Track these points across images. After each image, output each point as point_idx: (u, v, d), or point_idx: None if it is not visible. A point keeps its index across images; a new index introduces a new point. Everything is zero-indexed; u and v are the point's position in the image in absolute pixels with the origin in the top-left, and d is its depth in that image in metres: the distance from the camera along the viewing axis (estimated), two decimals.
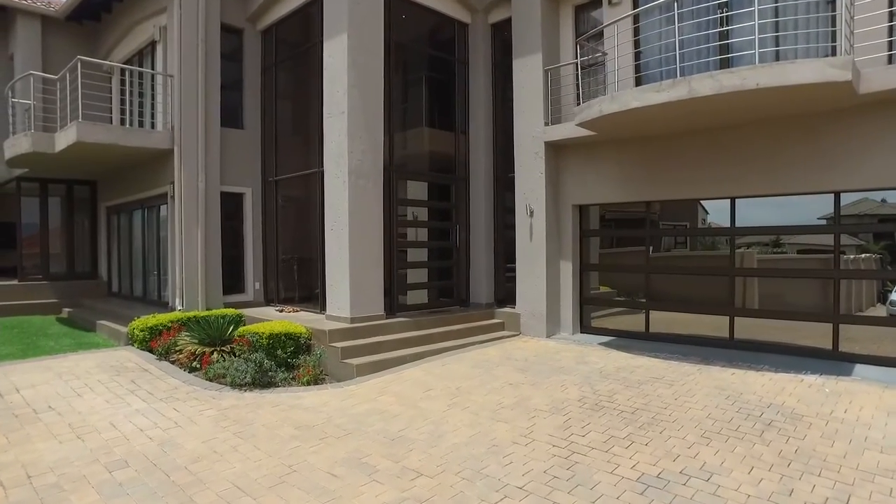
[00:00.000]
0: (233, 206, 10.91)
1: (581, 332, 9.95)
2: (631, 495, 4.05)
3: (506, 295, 10.79)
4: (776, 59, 7.33)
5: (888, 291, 7.53)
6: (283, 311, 10.14)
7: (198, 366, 7.74)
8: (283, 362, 7.66)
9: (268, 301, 11.21)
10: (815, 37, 7.21)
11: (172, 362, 8.05)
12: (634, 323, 9.54)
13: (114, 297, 13.60)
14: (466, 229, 10.97)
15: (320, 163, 9.33)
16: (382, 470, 4.54)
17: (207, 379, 7.27)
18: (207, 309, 9.92)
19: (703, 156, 8.33)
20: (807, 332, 7.96)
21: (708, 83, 6.50)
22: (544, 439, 5.13)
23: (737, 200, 8.35)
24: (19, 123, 11.79)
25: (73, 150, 9.78)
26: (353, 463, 4.68)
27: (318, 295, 9.76)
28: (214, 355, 7.90)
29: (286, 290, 11.00)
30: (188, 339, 8.32)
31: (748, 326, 8.43)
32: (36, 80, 11.28)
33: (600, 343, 9.12)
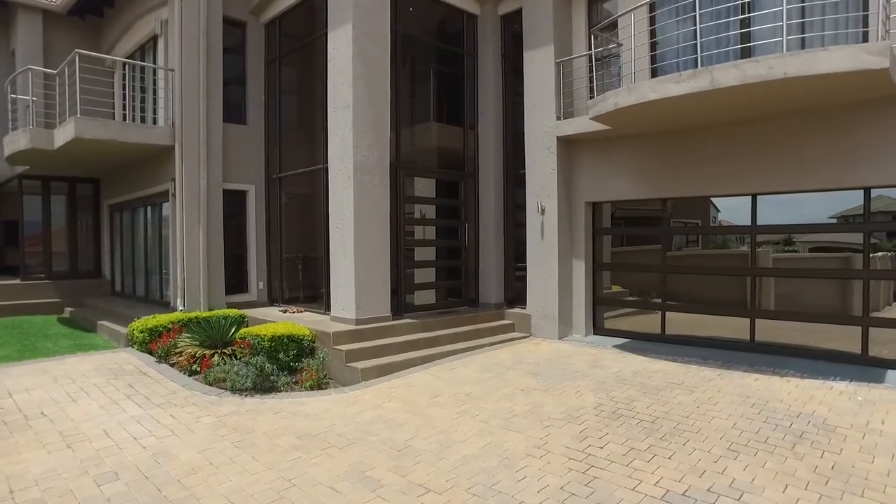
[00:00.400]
0: (236, 203, 10.65)
1: (594, 334, 9.62)
2: None
3: (516, 295, 10.47)
4: (801, 47, 6.97)
5: None
6: (286, 311, 9.87)
7: (198, 369, 7.48)
8: (286, 366, 7.39)
9: (271, 301, 10.95)
10: (843, 22, 6.82)
11: (172, 365, 7.80)
12: (649, 324, 9.20)
13: (117, 296, 13.41)
14: (475, 227, 10.65)
15: (325, 159, 9.05)
16: (388, 485, 4.25)
17: (207, 383, 7.01)
18: (209, 309, 9.67)
19: (723, 151, 7.97)
20: (829, 335, 7.60)
21: (731, 73, 6.15)
22: (560, 451, 4.82)
23: (747, 198, 8.02)
24: (21, 120, 11.58)
25: (72, 147, 9.54)
26: (356, 476, 4.40)
27: (323, 295, 9.48)
28: (215, 358, 7.65)
29: (290, 290, 10.74)
30: (188, 340, 8.07)
31: (767, 328, 8.07)
32: (37, 76, 11.06)
33: (614, 345, 8.79)
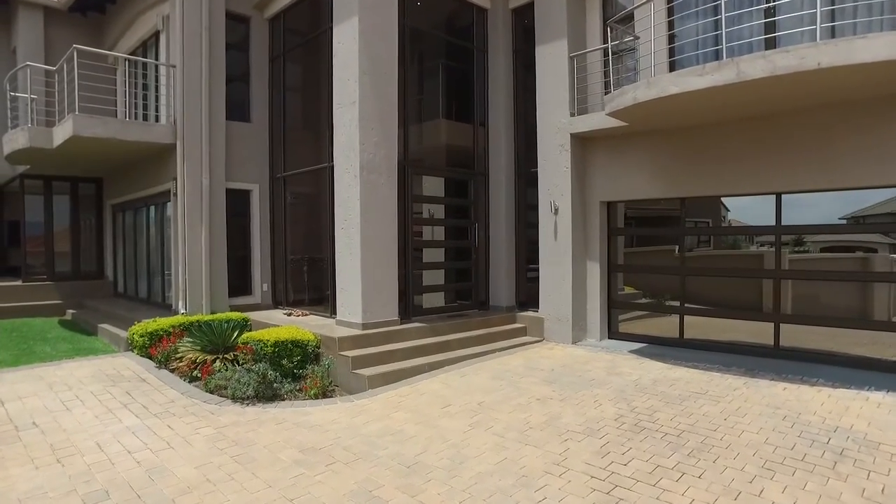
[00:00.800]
0: (239, 203, 10.36)
1: (609, 338, 9.28)
2: None
3: (528, 297, 10.14)
4: (831, 36, 6.60)
5: None
6: (291, 314, 9.58)
7: (199, 375, 7.20)
8: (289, 372, 7.09)
9: (276, 303, 10.66)
10: (878, 8, 6.44)
11: (172, 371, 7.53)
12: (664, 327, 8.85)
13: (119, 297, 13.17)
14: (486, 228, 10.32)
15: (330, 157, 8.74)
16: None
17: (207, 391, 6.72)
18: (212, 312, 9.41)
19: (745, 148, 7.62)
20: (856, 339, 7.25)
21: (759, 64, 5.79)
22: (580, 468, 4.49)
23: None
24: (23, 118, 11.34)
25: (71, 145, 9.29)
26: (362, 496, 4.08)
27: (329, 298, 9.18)
28: (217, 363, 7.37)
29: (295, 292, 10.45)
30: (189, 345, 7.80)
31: (788, 332, 7.71)
32: (38, 73, 10.82)
33: (631, 351, 8.45)
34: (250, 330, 8.78)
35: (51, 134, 9.77)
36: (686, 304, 8.60)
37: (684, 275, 8.57)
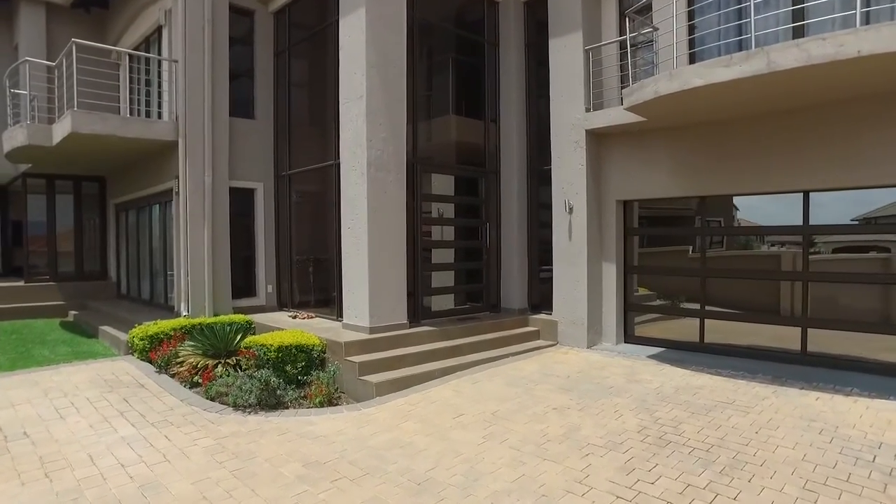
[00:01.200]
0: (243, 202, 10.07)
1: (625, 342, 8.93)
2: None
3: (541, 300, 9.79)
4: (866, 22, 6.21)
5: None
6: (296, 316, 9.29)
7: (199, 381, 6.91)
8: (294, 379, 6.79)
9: (281, 305, 10.37)
10: None
11: (172, 376, 7.25)
12: (682, 331, 8.49)
13: (123, 299, 12.94)
14: (497, 227, 9.99)
15: (337, 154, 8.44)
16: None
17: (208, 398, 6.42)
18: (215, 314, 9.13)
19: (772, 143, 7.25)
20: (884, 344, 6.86)
21: (792, 53, 5.44)
22: (604, 486, 4.16)
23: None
24: (23, 115, 11.11)
25: (70, 142, 9.03)
26: None
27: (335, 299, 8.88)
28: (219, 368, 7.08)
29: (301, 294, 10.15)
30: (191, 349, 7.51)
31: (813, 337, 7.34)
32: (39, 69, 10.58)
33: (649, 356, 8.09)
34: (254, 333, 8.49)
35: (50, 131, 9.52)
36: (707, 308, 8.23)
37: (704, 276, 8.21)
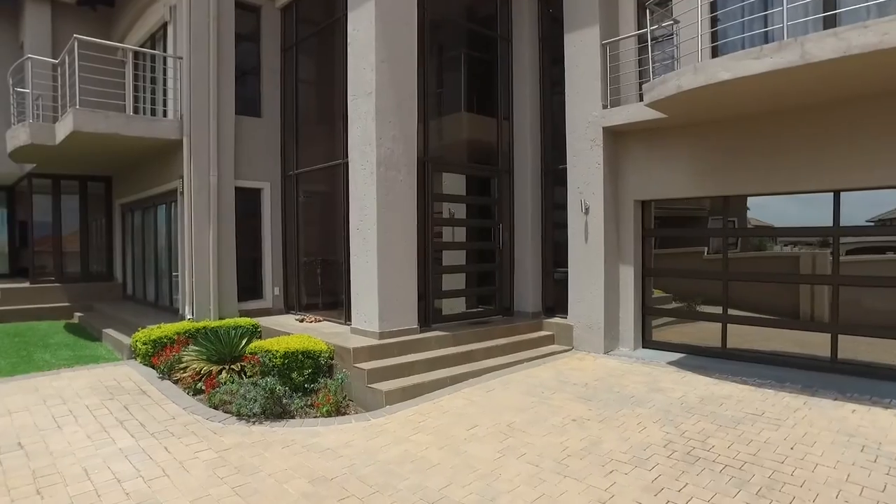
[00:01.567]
0: (249, 202, 9.83)
1: (643, 347, 8.60)
2: None
3: (555, 303, 9.48)
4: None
5: None
6: (304, 320, 9.03)
7: (203, 387, 6.67)
8: (300, 386, 6.53)
9: (288, 308, 10.12)
10: None
11: (175, 382, 7.02)
12: (701, 336, 8.16)
13: (128, 300, 12.76)
14: (510, 228, 9.69)
15: (345, 153, 8.17)
16: None
17: (211, 406, 6.18)
18: (220, 318, 8.90)
19: (800, 140, 6.90)
20: None
21: (829, 43, 5.11)
22: None
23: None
24: (28, 115, 10.94)
25: (73, 141, 8.82)
26: None
27: (343, 303, 8.62)
28: (223, 374, 6.85)
29: (308, 297, 9.90)
30: (194, 354, 7.27)
31: (842, 344, 7.00)
32: (43, 67, 10.40)
33: (669, 362, 7.77)
34: (260, 337, 8.26)
35: (53, 130, 9.33)
36: (730, 312, 7.89)
37: (727, 279, 7.87)
